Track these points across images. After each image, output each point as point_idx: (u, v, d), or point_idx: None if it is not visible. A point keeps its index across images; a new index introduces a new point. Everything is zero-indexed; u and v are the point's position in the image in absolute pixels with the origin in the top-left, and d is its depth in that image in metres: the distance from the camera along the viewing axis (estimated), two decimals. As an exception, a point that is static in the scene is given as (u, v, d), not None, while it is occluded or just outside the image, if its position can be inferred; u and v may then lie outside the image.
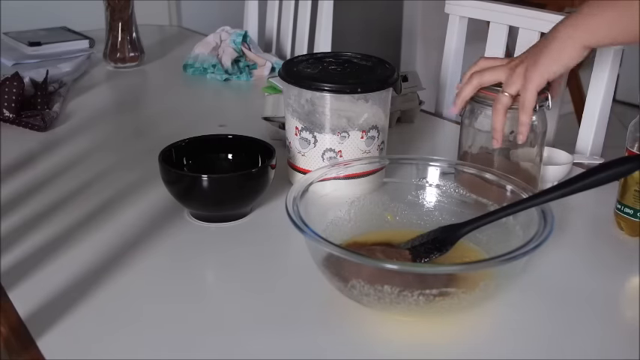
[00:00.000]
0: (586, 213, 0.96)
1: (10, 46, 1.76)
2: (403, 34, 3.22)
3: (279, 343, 0.69)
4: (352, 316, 0.72)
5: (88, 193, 1.00)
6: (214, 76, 1.55)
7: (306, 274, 0.77)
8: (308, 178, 0.81)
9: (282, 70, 0.97)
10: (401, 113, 1.27)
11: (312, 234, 0.69)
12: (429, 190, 0.88)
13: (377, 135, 0.96)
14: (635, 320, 0.72)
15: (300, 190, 0.78)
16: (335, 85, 0.91)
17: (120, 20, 1.62)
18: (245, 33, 1.65)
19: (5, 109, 1.25)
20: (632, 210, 0.87)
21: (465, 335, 0.70)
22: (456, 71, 1.43)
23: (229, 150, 0.99)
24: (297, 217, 0.72)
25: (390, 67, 0.98)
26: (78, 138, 1.23)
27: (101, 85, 1.57)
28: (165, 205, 0.94)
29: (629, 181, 0.86)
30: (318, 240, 0.68)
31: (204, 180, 0.88)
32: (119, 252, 0.84)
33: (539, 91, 0.87)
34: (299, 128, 0.95)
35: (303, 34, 1.77)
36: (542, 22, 1.25)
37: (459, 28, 1.42)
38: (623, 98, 2.70)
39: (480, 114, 0.93)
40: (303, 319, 0.73)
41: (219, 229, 0.91)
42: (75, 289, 0.77)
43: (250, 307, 0.75)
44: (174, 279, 0.80)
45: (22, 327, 0.70)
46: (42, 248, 0.85)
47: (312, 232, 0.69)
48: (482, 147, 0.94)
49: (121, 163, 1.12)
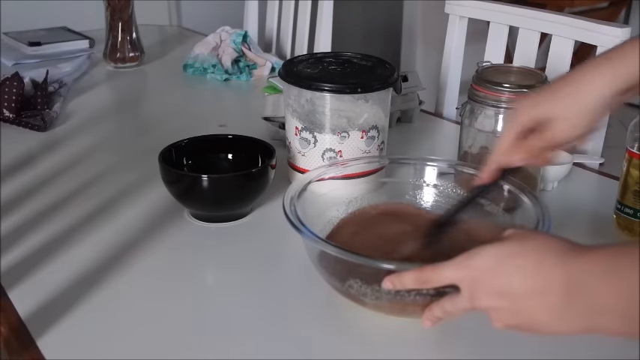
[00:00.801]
0: (586, 213, 0.96)
1: (10, 46, 1.76)
2: (403, 34, 3.22)
3: (279, 343, 0.69)
4: (352, 316, 0.72)
5: (88, 193, 1.00)
6: (214, 76, 1.55)
7: (305, 274, 0.77)
8: (306, 178, 0.81)
9: (282, 70, 0.97)
10: (401, 113, 1.27)
11: (308, 233, 0.69)
12: (426, 190, 0.87)
13: (377, 135, 0.96)
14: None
15: (298, 189, 0.78)
16: (335, 85, 0.91)
17: (120, 20, 1.62)
18: (245, 33, 1.65)
19: (5, 109, 1.25)
20: (632, 210, 0.87)
21: (463, 335, 0.70)
22: (456, 71, 1.43)
23: (229, 150, 0.99)
24: (294, 216, 0.72)
25: (390, 67, 0.98)
26: (78, 138, 1.23)
27: (101, 85, 1.57)
28: (166, 205, 0.94)
29: (629, 181, 0.86)
30: (315, 240, 0.68)
31: (204, 180, 0.88)
32: (119, 252, 0.84)
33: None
34: (299, 128, 0.95)
35: (303, 34, 1.77)
36: (542, 22, 1.25)
37: (459, 28, 1.42)
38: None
39: (480, 114, 0.93)
40: (302, 319, 0.73)
41: (219, 229, 0.91)
42: (75, 288, 0.77)
43: (250, 306, 0.75)
44: (174, 279, 0.80)
45: (22, 327, 0.70)
46: (42, 248, 0.85)
47: (308, 232, 0.69)
48: (482, 147, 0.94)
49: (121, 163, 1.12)
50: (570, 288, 0.55)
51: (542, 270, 0.56)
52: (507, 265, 0.58)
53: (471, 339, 0.70)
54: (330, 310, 0.74)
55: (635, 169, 0.85)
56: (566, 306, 0.55)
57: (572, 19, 1.20)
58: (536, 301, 0.56)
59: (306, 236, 0.69)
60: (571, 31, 1.20)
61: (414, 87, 1.27)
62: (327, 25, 1.71)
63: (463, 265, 0.60)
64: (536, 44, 1.27)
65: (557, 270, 0.55)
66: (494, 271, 0.58)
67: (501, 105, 0.92)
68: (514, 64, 1.06)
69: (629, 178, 0.86)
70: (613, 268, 0.54)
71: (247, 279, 0.80)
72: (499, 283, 0.58)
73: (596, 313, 0.54)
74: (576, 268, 0.55)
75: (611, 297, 0.53)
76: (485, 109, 0.93)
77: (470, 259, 0.60)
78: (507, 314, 0.58)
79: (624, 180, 0.87)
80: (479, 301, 0.59)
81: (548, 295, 0.55)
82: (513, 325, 0.59)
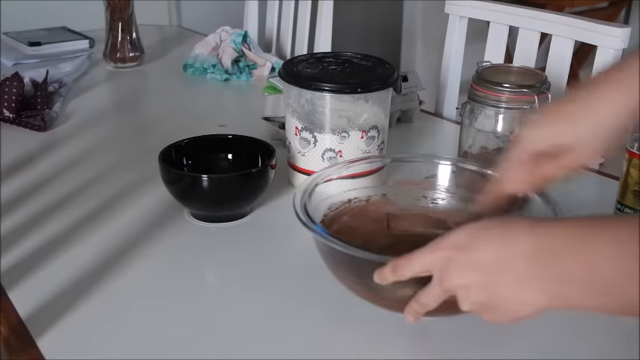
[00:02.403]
0: (586, 213, 0.96)
1: (10, 46, 1.76)
2: (403, 34, 3.22)
3: (279, 343, 0.69)
4: (352, 316, 0.72)
5: (88, 193, 1.00)
6: (214, 76, 1.55)
7: (306, 274, 0.77)
8: (313, 180, 0.80)
9: (282, 70, 0.97)
10: (401, 113, 1.27)
11: (321, 232, 0.68)
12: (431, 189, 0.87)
13: (377, 135, 0.96)
14: (635, 320, 0.71)
15: (308, 190, 0.77)
16: (335, 85, 0.91)
17: (120, 20, 1.62)
18: (245, 33, 1.65)
19: (5, 109, 1.25)
20: (632, 210, 0.87)
21: (467, 335, 0.70)
22: (456, 71, 1.43)
23: (229, 150, 0.99)
24: (305, 215, 0.71)
25: (390, 67, 0.98)
26: (78, 138, 1.23)
27: (101, 85, 1.57)
28: (165, 205, 0.94)
29: (629, 181, 0.86)
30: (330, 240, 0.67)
31: (204, 180, 0.88)
32: (119, 252, 0.84)
33: (539, 93, 0.87)
34: (299, 128, 0.95)
35: (303, 34, 1.77)
36: (542, 22, 1.25)
37: (459, 28, 1.42)
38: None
39: (480, 114, 0.93)
40: (303, 319, 0.73)
41: (219, 229, 0.91)
42: (75, 289, 0.77)
43: (250, 307, 0.75)
44: (174, 279, 0.80)
45: (22, 327, 0.70)
46: (42, 248, 0.85)
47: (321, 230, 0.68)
48: (482, 147, 0.94)
49: (121, 163, 1.12)
50: (538, 255, 0.54)
51: (513, 238, 0.56)
52: (478, 239, 0.57)
53: (472, 339, 0.70)
54: (331, 310, 0.74)
55: (635, 169, 0.85)
56: (532, 273, 0.54)
57: (572, 19, 1.20)
58: (505, 272, 0.55)
59: (317, 235, 0.68)
60: (571, 31, 1.20)
61: (414, 87, 1.27)
62: (327, 25, 1.71)
63: (434, 247, 0.60)
64: (536, 44, 1.27)
65: (526, 237, 0.55)
66: (468, 247, 0.58)
67: (501, 105, 0.92)
68: (514, 64, 1.07)
69: (629, 178, 0.86)
70: (585, 238, 0.53)
71: (247, 279, 0.80)
72: (471, 258, 0.57)
73: (561, 280, 0.53)
74: (546, 236, 0.54)
75: (578, 265, 0.52)
76: (485, 109, 0.93)
77: (441, 241, 0.60)
78: (475, 290, 0.57)
79: (624, 180, 0.87)
80: (449, 282, 0.59)
81: (516, 263, 0.55)
82: (480, 301, 0.58)
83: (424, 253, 0.61)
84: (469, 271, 0.57)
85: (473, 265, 0.57)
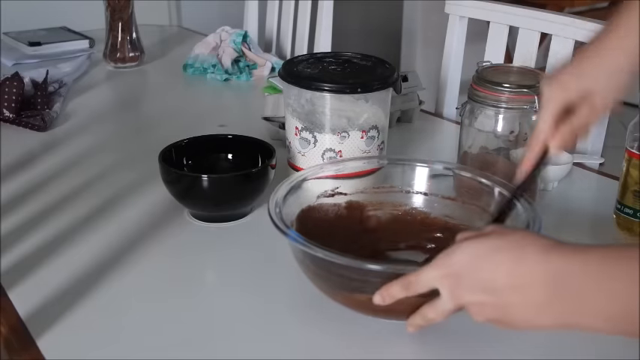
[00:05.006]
0: (586, 213, 0.96)
1: (10, 46, 1.76)
2: (403, 34, 3.22)
3: (280, 343, 0.69)
4: (353, 316, 0.72)
5: (88, 193, 1.00)
6: (214, 76, 1.55)
7: (306, 274, 0.77)
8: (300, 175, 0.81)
9: (282, 70, 0.97)
10: (401, 113, 1.27)
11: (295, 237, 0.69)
12: (420, 194, 0.87)
13: (377, 135, 0.96)
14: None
15: (284, 192, 0.77)
16: (335, 85, 0.91)
17: (120, 20, 1.62)
18: (245, 33, 1.65)
19: (5, 109, 1.25)
20: (632, 210, 0.87)
21: (462, 336, 0.70)
22: (456, 71, 1.43)
23: (229, 150, 0.99)
24: (280, 220, 0.72)
25: (390, 67, 0.98)
26: (78, 138, 1.23)
27: (101, 85, 1.57)
28: (165, 205, 0.94)
29: (629, 181, 0.86)
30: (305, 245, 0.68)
31: (204, 180, 0.88)
32: (119, 252, 0.84)
33: (539, 93, 0.87)
34: (299, 128, 0.95)
35: (303, 34, 1.77)
36: (542, 22, 1.25)
37: (459, 28, 1.41)
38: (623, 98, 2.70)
39: (480, 114, 0.93)
40: (303, 319, 0.73)
41: (219, 229, 0.91)
42: (75, 289, 0.77)
43: (250, 306, 0.75)
44: (174, 279, 0.80)
45: (22, 327, 0.70)
46: (42, 248, 0.85)
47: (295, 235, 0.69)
48: (482, 147, 0.94)
49: (121, 163, 1.12)
50: (554, 285, 0.54)
51: (525, 266, 0.56)
52: (489, 261, 0.58)
53: (468, 339, 0.70)
54: (331, 310, 0.74)
55: (634, 169, 0.85)
56: (550, 303, 0.55)
57: (572, 19, 1.20)
58: (520, 296, 0.56)
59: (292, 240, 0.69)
60: (571, 31, 1.20)
61: (414, 87, 1.27)
62: (327, 26, 1.71)
63: (441, 264, 0.60)
64: (536, 44, 1.27)
65: (540, 266, 0.56)
66: (476, 267, 0.58)
67: (501, 105, 0.92)
68: (514, 64, 1.06)
69: (629, 178, 0.86)
70: (608, 272, 0.54)
71: (247, 279, 0.80)
72: (482, 278, 0.58)
73: (584, 313, 0.54)
74: (563, 266, 0.55)
75: (603, 301, 0.53)
76: (485, 109, 0.93)
77: (448, 258, 0.60)
78: (490, 309, 0.58)
79: (624, 180, 0.87)
80: (461, 298, 0.59)
81: (531, 291, 0.55)
82: (494, 319, 0.58)
83: (431, 268, 0.61)
84: (481, 292, 0.58)
85: (484, 286, 0.58)
